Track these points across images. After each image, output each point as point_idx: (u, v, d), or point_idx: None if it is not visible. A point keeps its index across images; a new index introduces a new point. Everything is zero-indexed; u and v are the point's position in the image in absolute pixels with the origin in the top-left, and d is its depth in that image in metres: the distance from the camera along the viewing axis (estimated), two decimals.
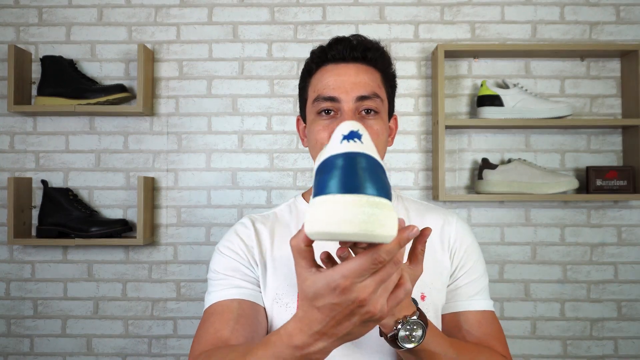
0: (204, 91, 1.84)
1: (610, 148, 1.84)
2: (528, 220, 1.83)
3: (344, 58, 0.88)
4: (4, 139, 1.83)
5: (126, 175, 1.83)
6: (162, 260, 1.82)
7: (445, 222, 0.95)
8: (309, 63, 0.93)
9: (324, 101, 0.87)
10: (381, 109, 0.89)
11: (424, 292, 0.88)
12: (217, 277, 0.88)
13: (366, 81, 0.87)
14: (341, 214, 0.44)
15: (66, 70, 1.74)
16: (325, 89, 0.87)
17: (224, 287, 0.86)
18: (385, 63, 0.92)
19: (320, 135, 0.87)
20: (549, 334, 1.81)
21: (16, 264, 1.81)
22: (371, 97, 0.87)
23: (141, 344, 1.81)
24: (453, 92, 1.85)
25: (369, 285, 0.50)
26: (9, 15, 1.84)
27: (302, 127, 0.98)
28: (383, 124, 0.89)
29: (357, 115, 0.86)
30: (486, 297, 0.93)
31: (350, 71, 0.87)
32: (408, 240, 0.49)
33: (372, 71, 0.89)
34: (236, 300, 0.84)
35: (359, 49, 0.88)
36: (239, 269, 0.88)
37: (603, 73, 1.85)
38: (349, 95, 0.86)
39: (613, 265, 1.82)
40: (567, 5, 1.85)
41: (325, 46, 0.91)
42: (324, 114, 0.88)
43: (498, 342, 0.88)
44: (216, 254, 0.92)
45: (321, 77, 0.89)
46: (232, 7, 1.85)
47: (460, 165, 1.84)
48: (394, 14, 1.85)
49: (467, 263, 0.92)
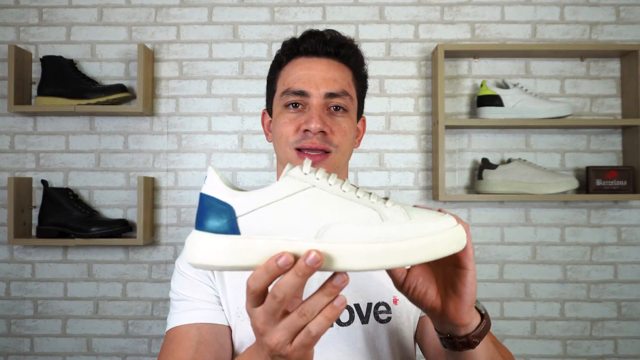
0: (204, 91, 1.84)
1: (610, 148, 1.84)
2: (528, 220, 1.83)
3: (315, 52, 0.86)
4: (4, 139, 1.83)
5: (126, 175, 1.83)
6: (162, 260, 1.82)
7: None
8: (279, 55, 0.90)
9: (292, 95, 0.84)
10: (350, 107, 0.87)
11: (396, 296, 0.85)
12: (176, 297, 0.85)
13: (336, 78, 0.85)
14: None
15: (66, 70, 1.74)
16: (295, 83, 0.84)
17: (182, 309, 0.83)
18: (357, 61, 0.90)
19: (286, 128, 0.84)
20: (549, 334, 1.81)
21: (16, 264, 1.82)
22: (340, 94, 0.84)
23: (141, 344, 1.81)
24: (453, 92, 1.85)
25: (260, 316, 0.49)
26: (9, 15, 1.84)
27: (267, 122, 0.95)
28: (351, 123, 0.87)
29: (325, 111, 0.84)
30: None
31: (321, 66, 0.85)
32: (276, 269, 0.46)
33: (343, 68, 0.87)
34: (195, 325, 0.81)
35: (332, 44, 0.85)
36: (198, 287, 0.84)
37: (603, 73, 1.85)
38: (319, 90, 0.83)
39: (613, 265, 1.82)
40: (567, 6, 1.85)
41: (297, 38, 0.88)
42: (291, 107, 0.85)
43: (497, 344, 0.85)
44: (175, 272, 0.88)
45: (291, 69, 0.86)
46: (232, 7, 1.85)
47: (460, 165, 1.84)
48: (394, 14, 1.85)
49: None
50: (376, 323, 0.84)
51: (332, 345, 0.81)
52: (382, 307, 0.84)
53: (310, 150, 0.83)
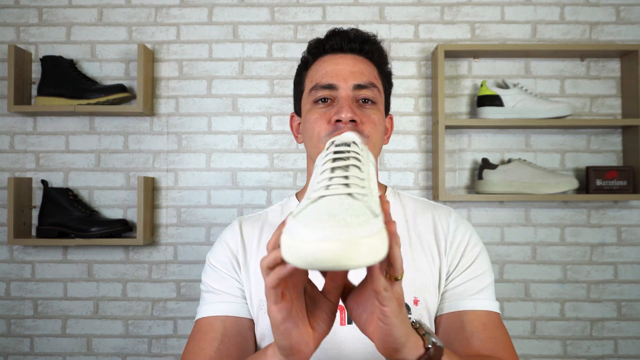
0: (204, 91, 1.84)
1: (610, 148, 1.84)
2: (528, 220, 1.83)
3: (341, 49, 0.87)
4: (4, 139, 1.83)
5: (126, 175, 1.83)
6: (162, 260, 1.82)
7: (440, 220, 0.90)
8: (305, 55, 0.92)
9: (321, 89, 0.85)
10: (378, 99, 0.87)
11: (417, 297, 0.83)
12: (205, 289, 0.89)
13: (363, 71, 0.86)
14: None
15: (66, 70, 1.74)
16: (323, 77, 0.86)
17: (210, 302, 0.87)
18: (381, 58, 0.91)
19: (317, 123, 0.85)
20: (549, 334, 1.81)
21: (16, 264, 1.82)
22: (368, 86, 0.85)
23: (141, 344, 1.81)
24: (453, 92, 1.85)
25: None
26: (9, 15, 1.84)
27: (295, 124, 0.96)
28: (380, 115, 0.87)
29: (354, 103, 0.85)
30: (491, 298, 0.86)
31: (347, 61, 0.86)
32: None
33: (368, 63, 0.88)
34: (220, 318, 0.84)
35: (356, 41, 0.87)
36: (225, 281, 0.87)
37: (603, 73, 1.85)
38: (347, 82, 0.84)
39: (613, 265, 1.82)
40: (567, 5, 1.85)
41: (322, 38, 0.89)
42: (320, 102, 0.86)
43: (506, 348, 0.81)
44: (206, 264, 0.92)
45: (318, 67, 0.88)
46: (232, 7, 1.85)
47: (460, 165, 1.84)
48: (394, 14, 1.85)
49: (466, 260, 0.86)
50: None
51: (351, 344, 0.80)
52: None
53: None
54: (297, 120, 0.95)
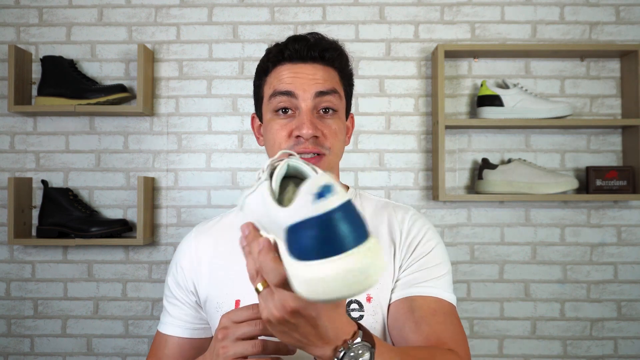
0: (204, 91, 1.84)
1: (610, 148, 1.84)
2: (528, 220, 1.83)
3: (301, 57, 0.86)
4: (4, 139, 1.83)
5: (126, 175, 1.83)
6: (162, 260, 1.82)
7: (397, 217, 0.90)
8: (264, 61, 0.90)
9: (280, 96, 0.84)
10: (339, 106, 0.87)
11: (370, 294, 0.83)
12: (165, 301, 0.96)
13: (324, 78, 0.85)
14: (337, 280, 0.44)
15: (66, 70, 1.74)
16: (282, 84, 0.85)
17: (165, 315, 0.95)
18: (342, 62, 0.90)
19: (279, 135, 0.84)
20: (549, 334, 1.81)
21: (16, 264, 1.82)
22: (330, 92, 0.85)
23: (141, 344, 1.81)
24: (453, 92, 1.85)
25: None
26: (9, 16, 1.84)
27: (257, 126, 0.95)
28: (341, 123, 0.88)
29: (315, 114, 0.84)
30: (443, 287, 0.84)
31: (307, 70, 0.85)
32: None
33: (329, 70, 0.87)
34: (168, 336, 0.92)
35: (316, 49, 0.85)
36: (177, 298, 0.93)
37: (603, 73, 1.85)
38: (307, 92, 0.83)
39: (613, 265, 1.82)
40: (567, 6, 1.85)
41: (281, 45, 0.88)
42: (281, 112, 0.85)
43: (455, 337, 0.79)
44: (167, 276, 0.96)
45: (277, 75, 0.87)
46: (232, 7, 1.85)
47: (460, 165, 1.84)
48: (394, 14, 1.85)
49: (419, 253, 0.86)
50: None
51: None
52: (355, 305, 0.83)
53: (303, 154, 0.83)
54: (258, 122, 0.95)
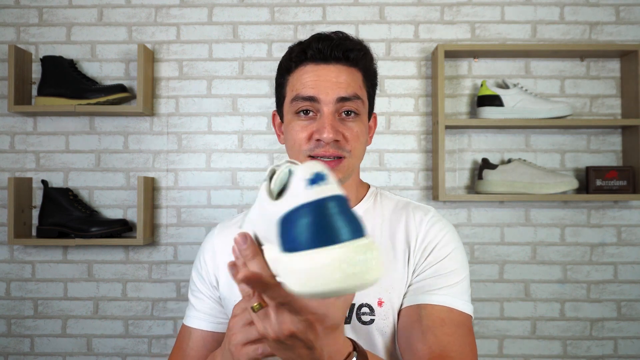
0: (204, 91, 1.84)
1: (610, 148, 1.84)
2: (528, 220, 1.83)
3: (324, 58, 0.84)
4: (4, 139, 1.83)
5: (126, 175, 1.83)
6: (162, 260, 1.82)
7: (415, 219, 0.88)
8: (287, 60, 0.88)
9: (302, 101, 0.83)
10: (361, 110, 0.86)
11: (381, 298, 0.82)
12: (189, 295, 0.99)
13: (348, 82, 0.83)
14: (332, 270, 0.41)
15: (66, 70, 1.74)
16: (304, 88, 0.83)
17: (189, 309, 0.97)
18: (367, 62, 0.88)
19: (299, 136, 0.83)
20: (549, 334, 1.81)
21: (16, 264, 1.82)
22: (352, 98, 0.83)
23: (141, 344, 1.81)
24: (453, 92, 1.85)
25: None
26: (9, 16, 1.84)
27: (278, 123, 0.94)
28: (363, 126, 0.86)
29: (336, 117, 0.83)
30: (457, 296, 0.81)
31: (330, 72, 0.83)
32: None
33: (353, 71, 0.85)
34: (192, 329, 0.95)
35: (340, 49, 0.83)
36: (201, 292, 0.95)
37: (603, 73, 1.85)
38: (329, 96, 0.82)
39: (613, 265, 1.82)
40: (567, 6, 1.85)
41: (304, 44, 0.86)
42: (302, 114, 0.84)
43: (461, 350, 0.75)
44: (192, 270, 0.99)
45: (300, 76, 0.85)
46: (232, 7, 1.85)
47: (460, 165, 1.84)
48: (394, 14, 1.85)
49: (433, 258, 0.83)
50: (358, 325, 0.82)
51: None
52: (365, 309, 0.83)
53: (323, 157, 0.83)
54: (279, 120, 0.94)
